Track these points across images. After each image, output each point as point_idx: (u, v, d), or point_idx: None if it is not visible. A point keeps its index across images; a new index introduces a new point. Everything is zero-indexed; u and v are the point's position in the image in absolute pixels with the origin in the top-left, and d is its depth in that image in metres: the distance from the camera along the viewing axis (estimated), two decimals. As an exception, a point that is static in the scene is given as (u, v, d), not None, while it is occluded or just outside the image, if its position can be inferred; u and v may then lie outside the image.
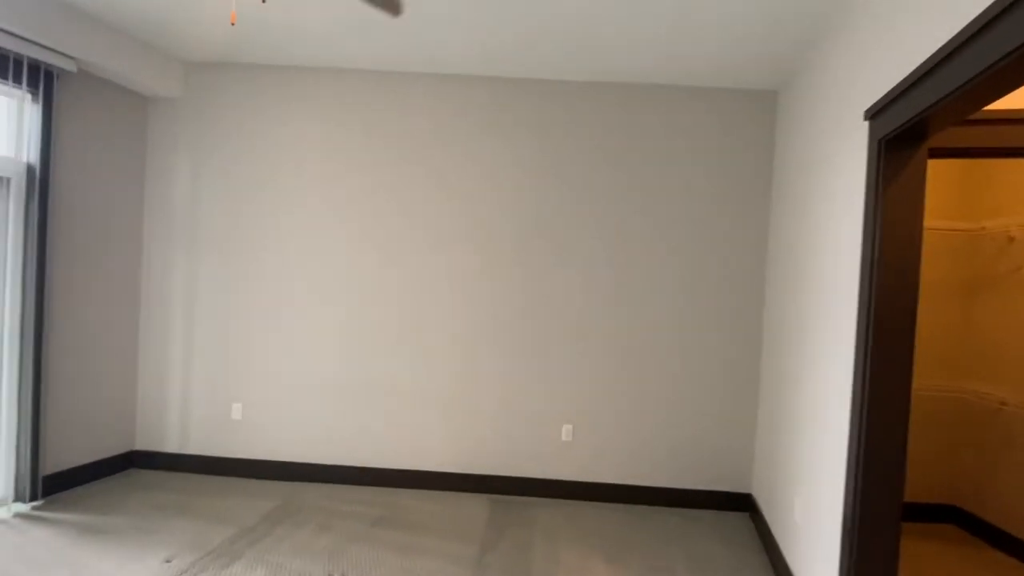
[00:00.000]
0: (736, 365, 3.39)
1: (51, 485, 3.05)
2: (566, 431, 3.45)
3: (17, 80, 2.75)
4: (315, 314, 3.49)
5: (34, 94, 2.86)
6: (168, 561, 2.50)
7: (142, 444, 3.57)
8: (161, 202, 3.56)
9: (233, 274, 3.52)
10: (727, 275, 3.39)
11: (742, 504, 3.38)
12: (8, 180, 2.85)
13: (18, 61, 2.74)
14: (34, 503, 2.95)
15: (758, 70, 3.09)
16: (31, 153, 2.89)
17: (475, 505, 3.33)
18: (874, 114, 1.83)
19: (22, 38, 2.69)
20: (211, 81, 3.52)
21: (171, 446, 3.55)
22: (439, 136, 3.45)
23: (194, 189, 3.54)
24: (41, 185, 2.92)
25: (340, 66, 3.44)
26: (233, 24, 1.85)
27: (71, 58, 2.92)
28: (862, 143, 2.00)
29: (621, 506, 3.40)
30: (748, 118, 3.37)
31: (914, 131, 1.70)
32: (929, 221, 3.06)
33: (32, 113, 2.88)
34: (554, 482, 3.46)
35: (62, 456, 3.13)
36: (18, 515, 2.83)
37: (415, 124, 3.46)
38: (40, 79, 2.86)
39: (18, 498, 2.91)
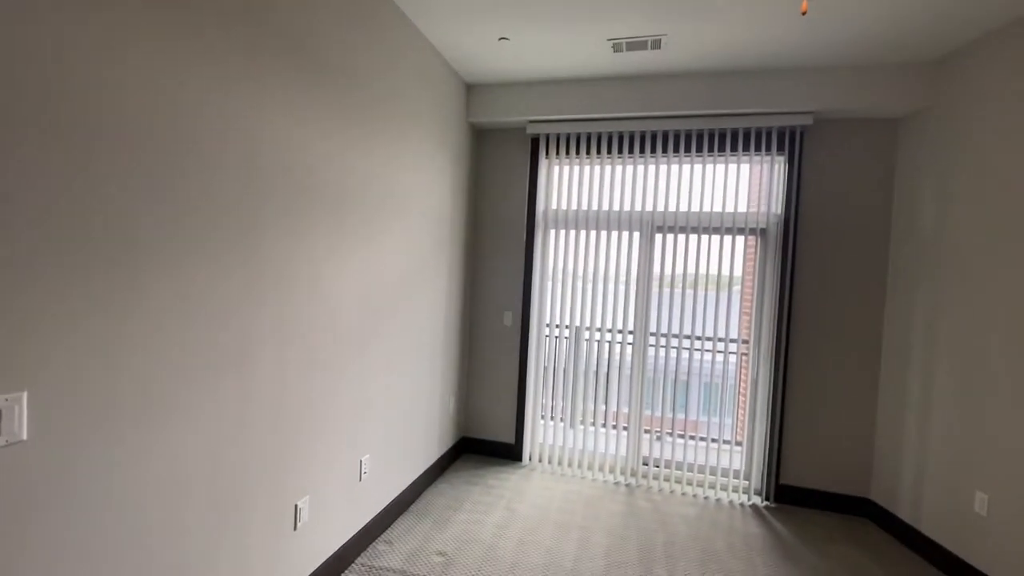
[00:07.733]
0: None
1: (785, 493, 3.43)
2: None
3: (767, 149, 3.34)
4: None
5: (781, 154, 3.36)
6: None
7: (877, 497, 3.28)
8: (906, 234, 3.14)
9: (983, 322, 2.64)
10: None
11: None
12: (764, 231, 3.48)
13: (768, 133, 3.33)
14: (767, 502, 3.44)
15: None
16: (779, 205, 3.40)
17: None
18: None
19: (768, 113, 3.26)
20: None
21: (903, 513, 3.07)
22: None
23: (941, 216, 2.91)
24: (785, 235, 3.37)
25: None
26: (804, 13, 1.65)
27: (809, 113, 3.21)
28: None
29: None
30: None
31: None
32: None
33: (779, 171, 3.39)
34: None
35: (798, 474, 3.44)
36: (753, 506, 3.41)
37: None
38: (785, 141, 3.33)
39: (759, 492, 3.49)
